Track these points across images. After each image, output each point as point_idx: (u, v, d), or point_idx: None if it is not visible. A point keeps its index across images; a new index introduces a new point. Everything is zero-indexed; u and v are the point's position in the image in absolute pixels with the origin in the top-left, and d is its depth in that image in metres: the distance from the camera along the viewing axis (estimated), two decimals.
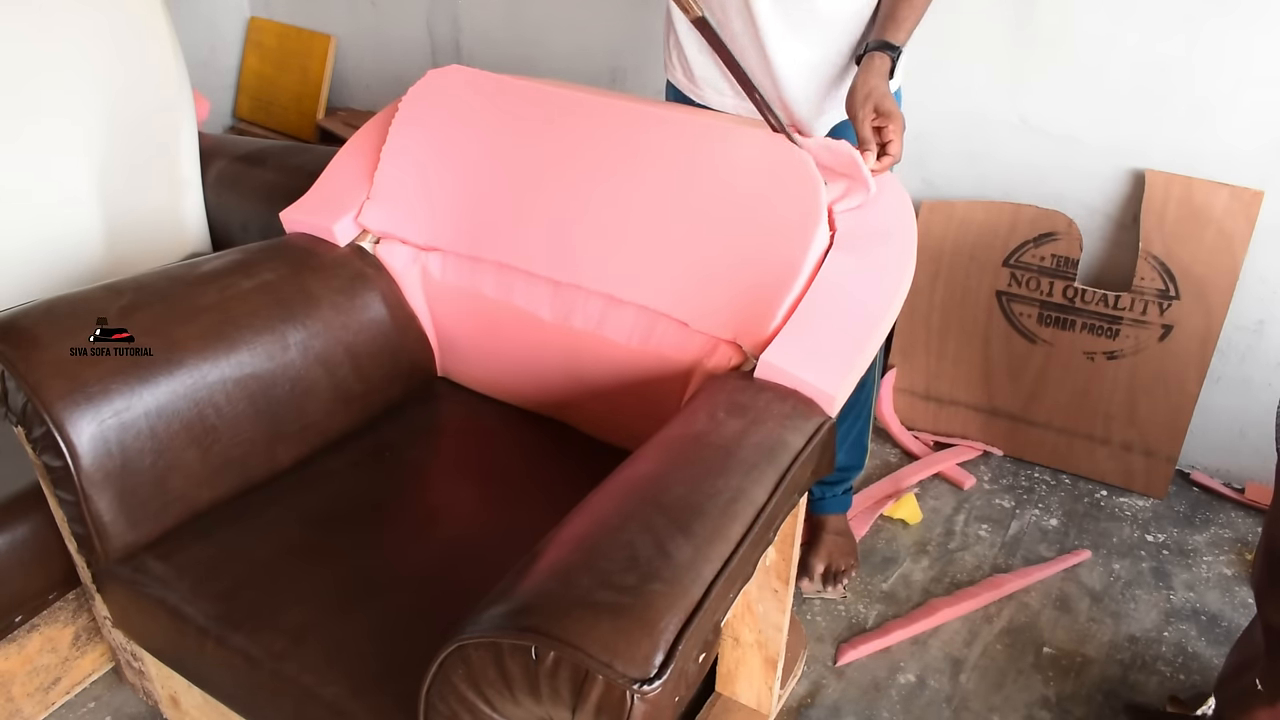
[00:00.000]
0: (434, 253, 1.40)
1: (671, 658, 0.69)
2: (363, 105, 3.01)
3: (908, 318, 2.05)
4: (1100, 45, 1.75)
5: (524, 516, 1.14)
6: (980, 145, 1.94)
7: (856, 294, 1.10)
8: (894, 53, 1.25)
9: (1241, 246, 1.72)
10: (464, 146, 1.37)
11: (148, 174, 1.72)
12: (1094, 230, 1.89)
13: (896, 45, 1.25)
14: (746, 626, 1.22)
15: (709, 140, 1.22)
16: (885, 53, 1.25)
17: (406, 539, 1.13)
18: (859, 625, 1.59)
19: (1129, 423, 1.90)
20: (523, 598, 0.74)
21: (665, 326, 1.21)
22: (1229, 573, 1.74)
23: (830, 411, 1.03)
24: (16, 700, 1.30)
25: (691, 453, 0.93)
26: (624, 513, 0.83)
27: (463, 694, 0.76)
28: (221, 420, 1.17)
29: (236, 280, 1.26)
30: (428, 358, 1.47)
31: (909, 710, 1.44)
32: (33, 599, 1.26)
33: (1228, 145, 1.72)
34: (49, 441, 1.05)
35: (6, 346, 1.06)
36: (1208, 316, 1.78)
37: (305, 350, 1.27)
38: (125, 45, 1.65)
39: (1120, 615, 1.63)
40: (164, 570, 1.08)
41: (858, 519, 1.80)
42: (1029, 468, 2.01)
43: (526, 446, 1.35)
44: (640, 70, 2.29)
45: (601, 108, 1.30)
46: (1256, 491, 1.90)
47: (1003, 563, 1.74)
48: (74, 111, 1.61)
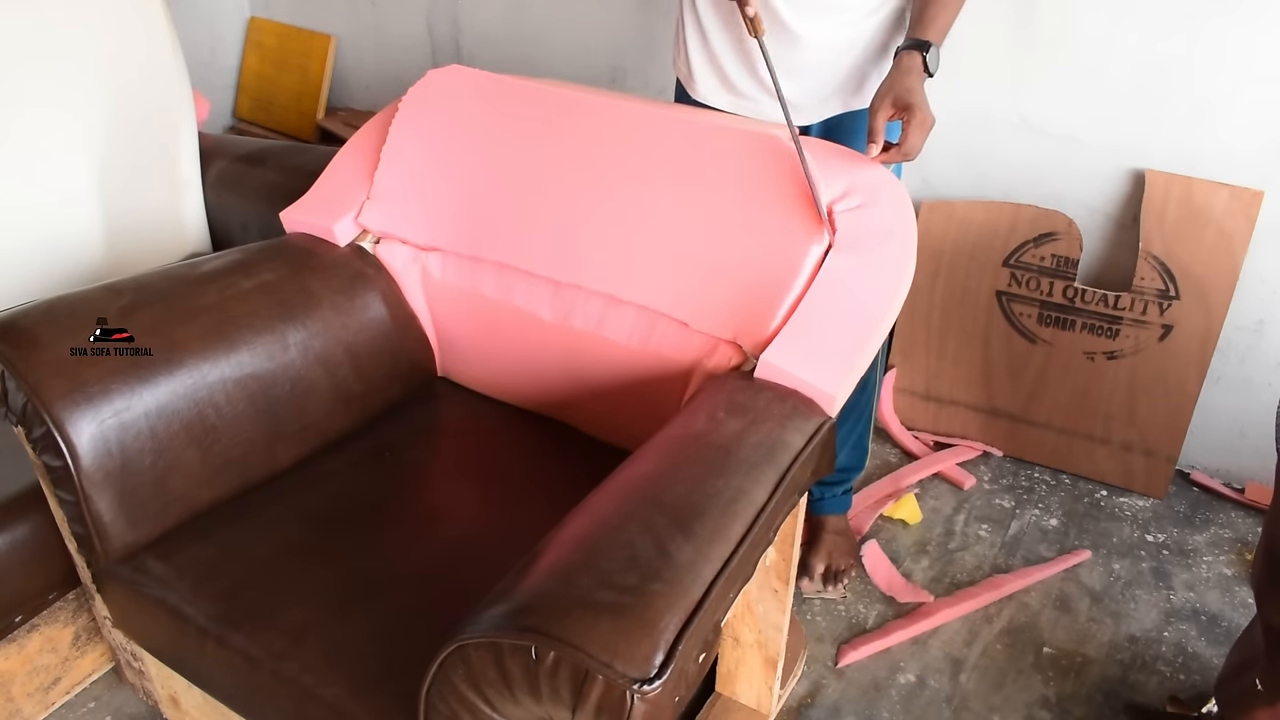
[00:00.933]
0: (434, 253, 1.40)
1: (671, 658, 0.69)
2: (363, 105, 3.01)
3: (908, 318, 2.05)
4: (1100, 45, 1.75)
5: (524, 516, 1.14)
6: (980, 145, 1.94)
7: (856, 294, 1.10)
8: (924, 49, 1.26)
9: (1241, 246, 1.72)
10: (464, 146, 1.37)
11: (148, 174, 1.72)
12: (1094, 230, 1.89)
13: (927, 41, 1.26)
14: (746, 626, 1.22)
15: (709, 140, 1.22)
16: (916, 50, 1.26)
17: (406, 539, 1.13)
18: (859, 625, 1.59)
19: (1129, 423, 1.90)
20: (523, 598, 0.74)
21: (665, 326, 1.21)
22: (1229, 573, 1.74)
23: (830, 411, 1.03)
24: (16, 700, 1.30)
25: (691, 453, 0.93)
26: (624, 513, 0.83)
27: (463, 694, 0.76)
28: (221, 420, 1.17)
29: (236, 280, 1.26)
30: (428, 358, 1.47)
31: (909, 710, 1.44)
32: (33, 599, 1.26)
33: (1228, 145, 1.71)
34: (49, 441, 1.05)
35: (6, 346, 1.06)
36: (1208, 316, 1.78)
37: (305, 350, 1.27)
38: (125, 45, 1.65)
39: (1120, 615, 1.63)
40: (164, 570, 1.08)
41: (857, 518, 1.80)
42: (1029, 468, 2.01)
43: (526, 446, 1.35)
44: (641, 70, 2.29)
45: (602, 107, 1.30)
46: (1256, 491, 1.90)
47: (1003, 563, 1.74)
48: (74, 111, 1.61)
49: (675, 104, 1.47)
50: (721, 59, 1.44)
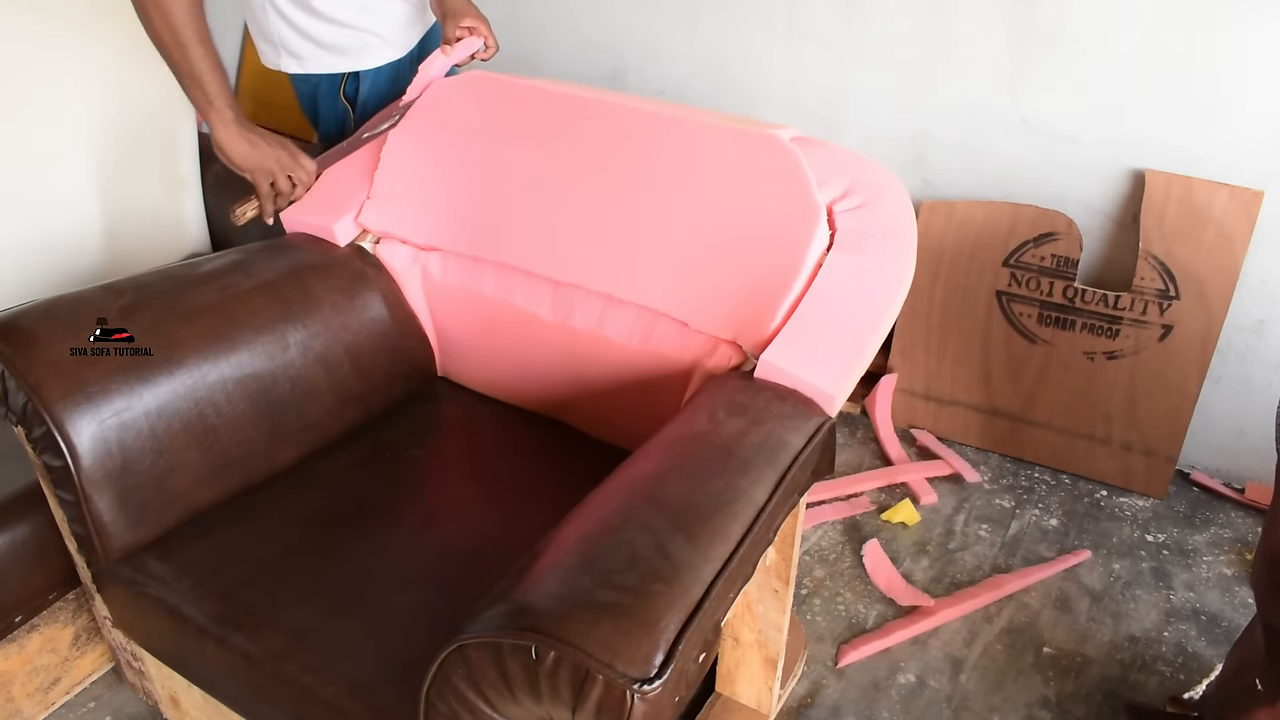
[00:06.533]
0: (434, 252, 1.40)
1: (672, 658, 0.69)
2: None
3: (908, 318, 2.05)
4: (1100, 45, 1.75)
5: (524, 516, 1.14)
6: (980, 145, 1.94)
7: (856, 294, 1.10)
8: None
9: (1241, 246, 1.72)
10: (464, 146, 1.37)
11: (147, 174, 1.72)
12: (1094, 230, 1.89)
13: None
14: (746, 626, 1.22)
15: (709, 139, 1.22)
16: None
17: (406, 539, 1.13)
18: (859, 625, 1.59)
19: (1129, 423, 1.90)
20: (523, 598, 0.74)
21: (665, 326, 1.21)
22: (1229, 573, 1.73)
23: (830, 411, 1.03)
24: (16, 700, 1.29)
25: (692, 453, 0.92)
26: (624, 513, 0.83)
27: (463, 694, 0.76)
28: (221, 420, 1.17)
29: (236, 280, 1.26)
30: (428, 358, 1.47)
31: (909, 710, 1.44)
32: (33, 599, 1.26)
33: (1228, 145, 1.71)
34: (49, 441, 1.05)
35: (6, 346, 1.06)
36: (1208, 316, 1.78)
37: (305, 350, 1.27)
38: (125, 46, 1.64)
39: (1120, 615, 1.63)
40: (164, 570, 1.08)
41: (812, 511, 1.80)
42: (1029, 468, 2.01)
43: (526, 446, 1.35)
44: (641, 70, 2.29)
45: (602, 107, 1.30)
46: (1256, 491, 1.90)
47: (1003, 563, 1.74)
48: (74, 111, 1.61)
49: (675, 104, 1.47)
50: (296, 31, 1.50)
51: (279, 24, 1.48)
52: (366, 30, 1.48)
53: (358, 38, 1.48)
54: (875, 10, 1.93)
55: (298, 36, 1.49)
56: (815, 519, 1.81)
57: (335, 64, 1.51)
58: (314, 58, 1.51)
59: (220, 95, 1.27)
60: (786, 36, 2.05)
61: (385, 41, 1.49)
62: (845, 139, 2.07)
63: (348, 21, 1.46)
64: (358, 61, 1.51)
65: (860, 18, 1.95)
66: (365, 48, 1.49)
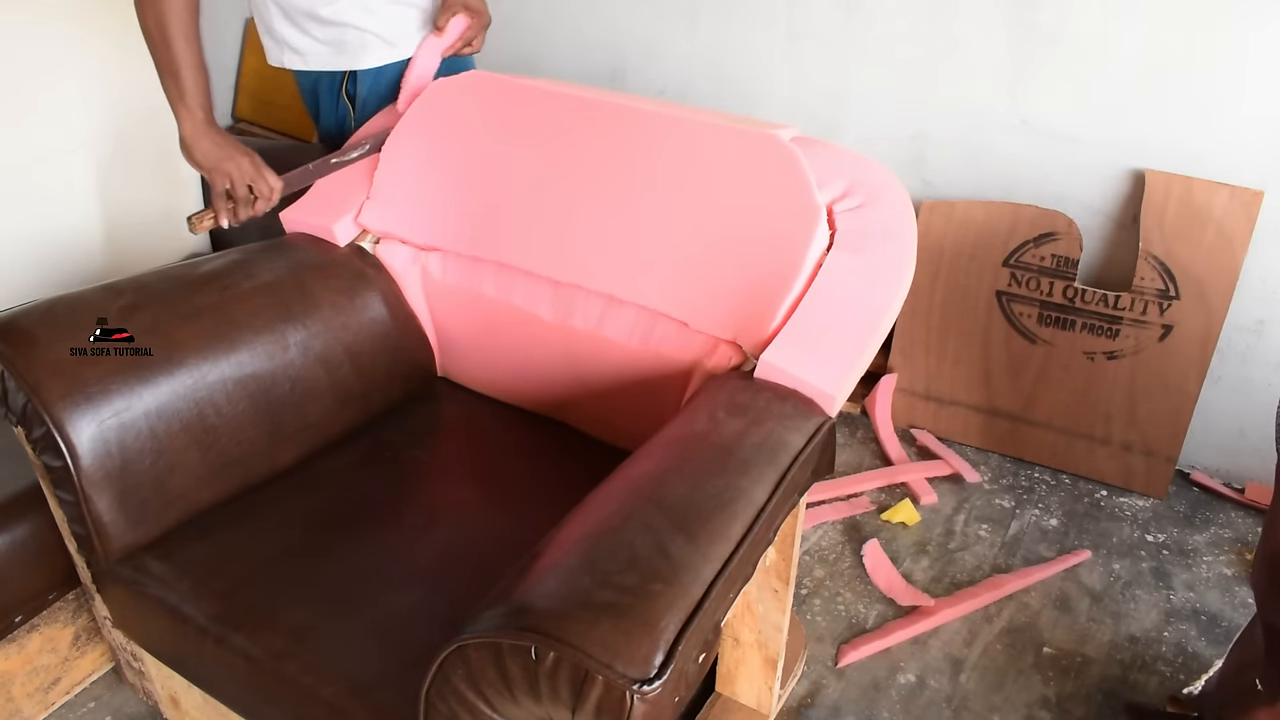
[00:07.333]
0: (434, 253, 1.40)
1: (671, 658, 0.69)
2: None
3: (908, 318, 2.05)
4: (1100, 45, 1.75)
5: (524, 516, 1.14)
6: (980, 145, 1.94)
7: (856, 294, 1.10)
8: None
9: (1241, 246, 1.72)
10: (464, 146, 1.37)
11: (147, 174, 1.72)
12: (1094, 230, 1.89)
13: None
14: (746, 626, 1.22)
15: (710, 139, 1.21)
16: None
17: (406, 539, 1.13)
18: (859, 625, 1.59)
19: (1129, 423, 1.90)
20: (522, 598, 0.74)
21: (665, 326, 1.21)
22: (1229, 573, 1.73)
23: (830, 411, 1.03)
24: (16, 700, 1.29)
25: (691, 453, 0.92)
26: (624, 513, 0.83)
27: (463, 694, 0.76)
28: (221, 420, 1.17)
29: (236, 280, 1.26)
30: (428, 358, 1.47)
31: (909, 710, 1.44)
32: (33, 599, 1.26)
33: (1228, 145, 1.71)
34: (49, 441, 1.05)
35: (6, 346, 1.06)
36: (1208, 316, 1.78)
37: (305, 350, 1.27)
38: (125, 45, 1.64)
39: (1120, 615, 1.63)
40: (164, 570, 1.08)
41: (812, 511, 1.79)
42: (1029, 468, 2.01)
43: (526, 446, 1.35)
44: (641, 70, 2.29)
45: (602, 107, 1.30)
46: (1256, 491, 1.90)
47: (1003, 563, 1.74)
48: (74, 112, 1.61)
49: (676, 104, 1.47)
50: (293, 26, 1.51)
51: (281, 22, 1.49)
52: (367, 30, 1.48)
53: (359, 37, 1.48)
54: (876, 10, 1.93)
55: (299, 34, 1.49)
56: (815, 519, 1.81)
57: (336, 62, 1.52)
58: (315, 55, 1.51)
59: (194, 93, 1.28)
60: (787, 36, 2.05)
61: (386, 42, 1.49)
62: (845, 139, 2.07)
63: (349, 21, 1.46)
64: (358, 61, 1.51)
65: (861, 17, 1.95)
66: (366, 47, 1.49)
